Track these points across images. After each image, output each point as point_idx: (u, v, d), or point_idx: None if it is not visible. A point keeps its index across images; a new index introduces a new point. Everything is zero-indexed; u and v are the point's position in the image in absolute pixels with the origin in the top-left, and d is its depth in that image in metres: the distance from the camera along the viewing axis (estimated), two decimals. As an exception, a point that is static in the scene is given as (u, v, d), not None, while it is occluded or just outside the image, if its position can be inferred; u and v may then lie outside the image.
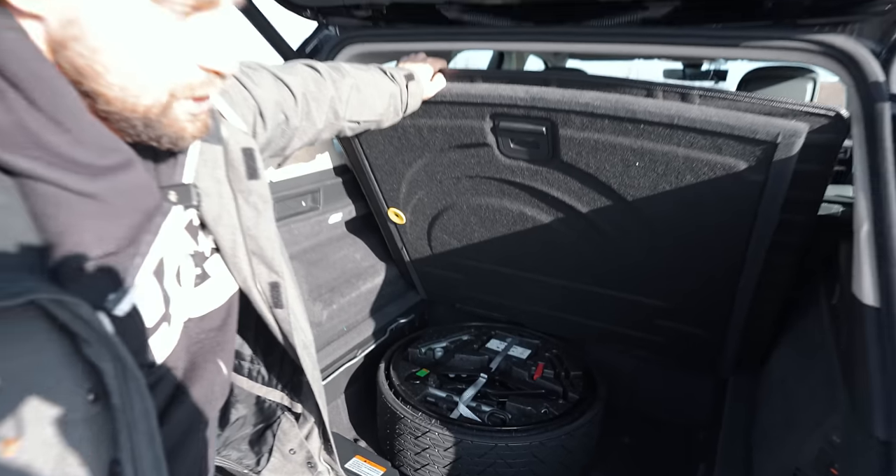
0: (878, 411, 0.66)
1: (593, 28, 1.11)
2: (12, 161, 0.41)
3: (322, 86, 0.97)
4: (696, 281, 1.28)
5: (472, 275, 1.71)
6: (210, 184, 0.63)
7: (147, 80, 0.46)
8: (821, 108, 0.93)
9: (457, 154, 1.33)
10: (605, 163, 1.15)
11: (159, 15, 0.45)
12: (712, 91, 1.00)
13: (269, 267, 0.70)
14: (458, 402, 1.40)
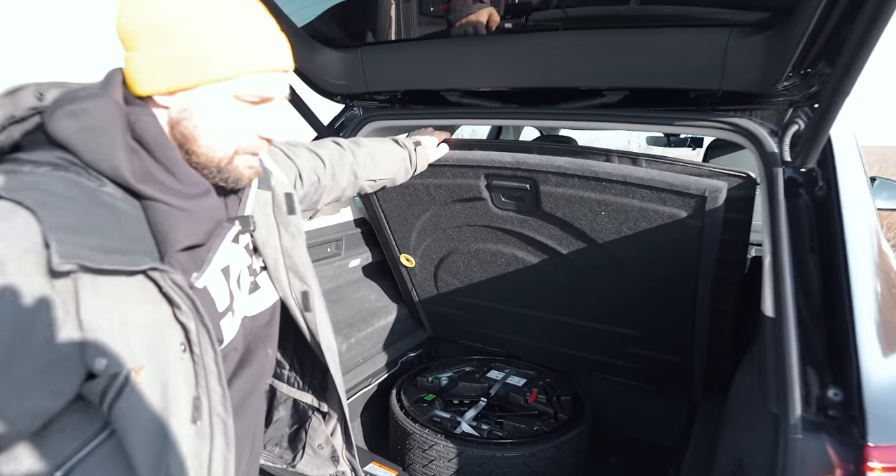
0: (770, 392, 0.89)
1: (564, 109, 1.41)
2: (141, 189, 0.66)
3: (343, 155, 1.27)
4: (660, 311, 1.52)
5: (472, 312, 1.95)
6: (261, 218, 0.88)
7: (223, 144, 0.72)
8: (736, 171, 1.21)
9: (458, 207, 1.61)
10: (577, 213, 1.42)
11: (236, 106, 0.71)
12: (656, 157, 1.29)
13: (301, 279, 0.93)
14: (461, 421, 1.60)
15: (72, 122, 0.64)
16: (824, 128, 0.98)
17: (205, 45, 0.66)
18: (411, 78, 1.49)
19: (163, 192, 0.67)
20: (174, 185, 0.69)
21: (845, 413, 0.80)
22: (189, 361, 0.67)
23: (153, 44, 0.66)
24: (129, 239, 0.64)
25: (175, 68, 0.66)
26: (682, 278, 1.40)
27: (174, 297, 0.64)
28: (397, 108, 1.63)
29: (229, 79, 0.68)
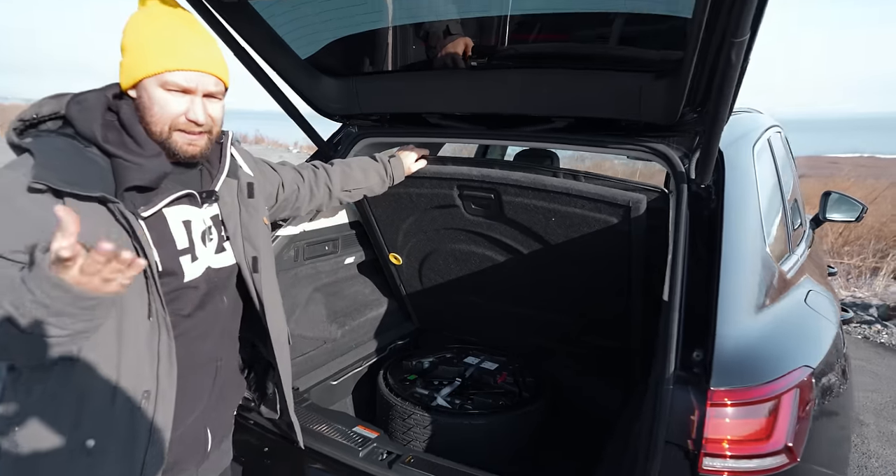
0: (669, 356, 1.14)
1: (522, 131, 1.70)
2: (108, 148, 0.95)
3: (318, 173, 1.57)
4: (603, 302, 1.79)
5: (452, 305, 2.23)
6: (228, 198, 1.17)
7: (160, 122, 0.99)
8: (654, 186, 1.48)
9: (436, 212, 1.89)
10: (533, 218, 1.70)
11: (166, 94, 0.98)
12: (592, 174, 1.56)
13: (254, 247, 1.20)
14: (437, 396, 1.88)
15: (75, 107, 0.98)
16: (710, 153, 1.26)
17: (140, 53, 0.97)
18: (397, 102, 1.77)
19: (124, 152, 0.97)
20: (135, 148, 0.99)
21: (703, 369, 1.08)
22: (141, 276, 0.96)
23: (123, 56, 1.00)
24: (96, 180, 0.93)
25: (129, 70, 0.98)
26: (618, 274, 1.67)
27: (121, 221, 0.93)
28: (386, 127, 1.92)
29: (155, 74, 0.97)
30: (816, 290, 1.59)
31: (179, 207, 1.08)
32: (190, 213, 1.09)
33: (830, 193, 2.96)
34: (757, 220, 1.39)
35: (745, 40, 0.97)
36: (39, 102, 1.00)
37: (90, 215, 0.89)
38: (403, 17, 1.60)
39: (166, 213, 1.05)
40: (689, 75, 1.16)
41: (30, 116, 0.98)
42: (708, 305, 1.16)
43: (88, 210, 0.89)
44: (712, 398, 1.02)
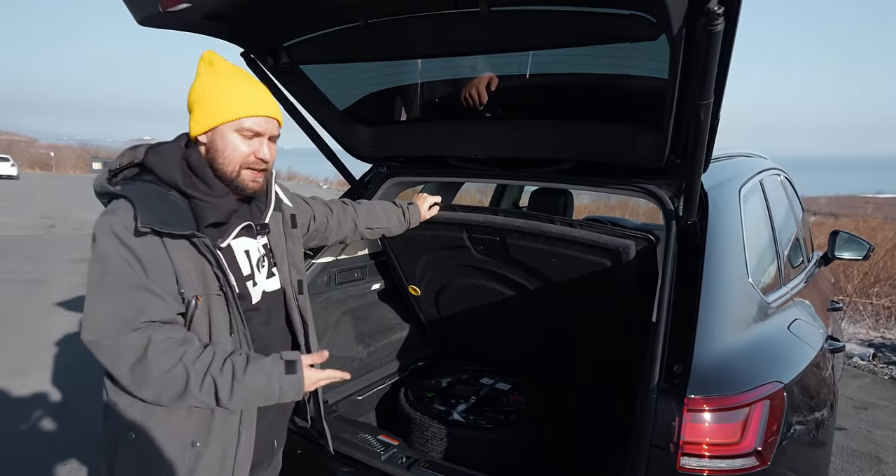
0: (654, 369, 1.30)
1: (534, 172, 1.91)
2: (187, 192, 1.11)
3: (347, 209, 1.76)
4: (601, 333, 1.95)
5: (466, 331, 2.41)
6: (275, 228, 1.34)
7: (231, 162, 1.14)
8: (642, 233, 1.66)
9: (449, 252, 2.10)
10: (535, 259, 1.89)
11: (238, 138, 1.14)
12: (588, 222, 1.75)
13: (298, 271, 1.39)
14: (453, 412, 2.04)
15: (155, 157, 1.15)
16: (692, 193, 1.45)
17: (217, 103, 1.13)
18: (421, 146, 2.02)
19: (200, 193, 1.13)
20: (206, 190, 1.15)
21: (682, 380, 1.23)
22: (223, 298, 1.14)
23: (195, 110, 1.15)
24: (181, 219, 1.08)
25: (204, 119, 1.14)
26: (612, 308, 1.84)
27: (206, 253, 1.10)
28: (412, 168, 2.16)
29: (232, 120, 1.13)
30: (804, 320, 1.73)
31: (241, 239, 1.24)
32: (249, 244, 1.26)
33: (839, 233, 3.08)
34: (739, 253, 1.55)
35: (710, 103, 1.17)
36: (121, 155, 1.17)
37: (179, 249, 1.08)
38: (428, 75, 1.86)
39: (233, 244, 1.21)
40: (670, 127, 1.36)
41: (115, 167, 1.15)
42: (689, 326, 1.32)
43: (178, 244, 1.08)
44: (689, 405, 1.18)
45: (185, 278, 1.08)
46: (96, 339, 1.02)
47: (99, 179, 1.13)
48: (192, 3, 1.16)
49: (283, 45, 1.62)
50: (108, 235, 1.03)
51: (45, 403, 3.35)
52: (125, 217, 1.03)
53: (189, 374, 1.03)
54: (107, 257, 1.02)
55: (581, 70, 1.54)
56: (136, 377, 1.04)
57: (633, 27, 1.18)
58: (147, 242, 1.04)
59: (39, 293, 5.88)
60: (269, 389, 1.11)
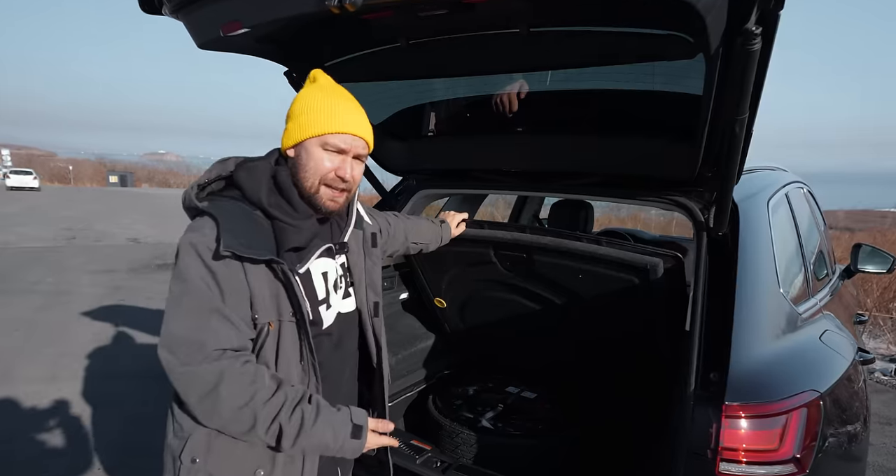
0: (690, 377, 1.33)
1: (562, 185, 1.96)
2: (271, 212, 1.08)
3: (399, 222, 1.78)
4: (628, 350, 1.98)
5: (492, 342, 2.45)
6: (355, 247, 1.31)
7: (313, 177, 1.11)
8: (669, 251, 1.69)
9: (475, 267, 2.14)
10: (562, 275, 1.92)
11: (322, 153, 1.11)
12: (613, 240, 1.78)
13: (375, 293, 1.34)
14: (482, 419, 2.07)
15: (244, 173, 1.13)
16: (724, 206, 1.48)
17: (307, 118, 1.12)
18: (451, 160, 2.07)
19: (284, 215, 1.11)
20: (291, 212, 1.12)
21: (719, 388, 1.26)
22: (294, 325, 1.11)
23: (289, 122, 1.14)
24: (262, 242, 1.06)
25: (294, 132, 1.13)
26: (639, 324, 1.87)
27: (282, 279, 1.07)
28: (440, 180, 2.22)
29: (318, 135, 1.11)
30: (834, 331, 1.74)
31: (319, 260, 1.20)
32: (327, 265, 1.23)
33: (861, 246, 3.08)
34: (770, 264, 1.58)
35: (746, 118, 1.21)
36: (209, 169, 1.16)
37: (257, 273, 1.06)
38: (460, 90, 1.92)
39: (311, 267, 1.18)
40: (703, 142, 1.40)
41: (203, 182, 1.14)
42: (724, 335, 1.35)
43: (257, 268, 1.06)
44: (727, 411, 1.20)
45: (260, 303, 1.07)
46: (175, 364, 1.00)
47: (187, 194, 1.12)
48: (250, 27, 1.23)
49: (325, 64, 1.69)
50: (191, 254, 1.02)
51: (77, 410, 3.41)
52: (209, 236, 1.02)
53: (257, 418, 1.01)
54: (188, 277, 1.02)
55: (614, 85, 1.59)
56: (204, 408, 1.02)
57: (671, 46, 1.23)
58: (227, 265, 1.02)
59: (63, 303, 6.00)
60: (331, 446, 1.09)
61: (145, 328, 5.11)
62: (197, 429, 1.09)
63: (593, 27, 1.29)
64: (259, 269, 1.06)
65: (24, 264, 8.20)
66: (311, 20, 1.22)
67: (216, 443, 1.09)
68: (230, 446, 1.10)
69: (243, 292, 1.05)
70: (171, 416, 1.15)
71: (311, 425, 1.05)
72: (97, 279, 7.41)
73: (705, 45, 1.07)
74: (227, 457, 1.10)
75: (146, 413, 3.40)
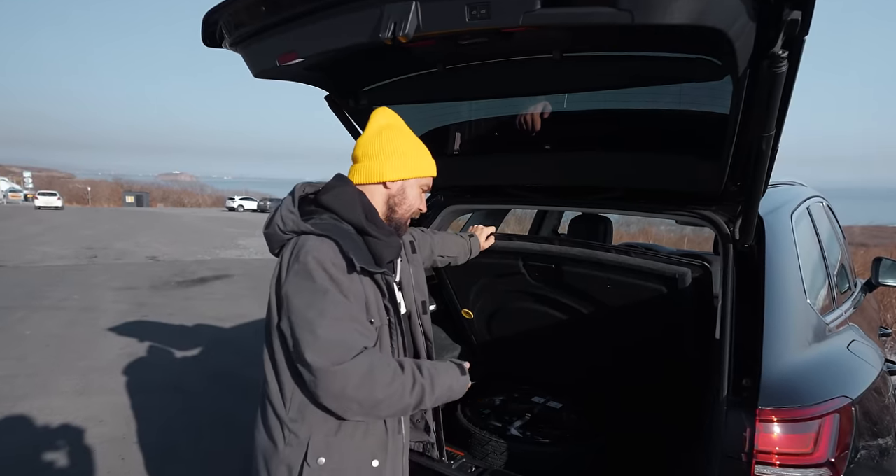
0: (723, 383, 1.37)
1: (584, 200, 2.02)
2: (370, 231, 1.24)
3: (425, 237, 1.88)
4: (656, 359, 2.02)
5: (519, 352, 2.49)
6: (402, 255, 1.47)
7: (409, 210, 1.35)
8: (696, 261, 1.74)
9: (504, 279, 2.20)
10: (591, 285, 1.98)
11: (420, 193, 1.38)
12: (641, 250, 1.85)
13: (421, 293, 1.51)
14: (510, 428, 2.11)
15: (336, 199, 1.26)
16: (750, 218, 1.54)
17: (414, 159, 1.33)
18: (479, 176, 2.15)
19: (379, 233, 1.26)
20: (378, 230, 1.27)
21: (752, 393, 1.30)
22: (388, 326, 1.28)
23: (391, 157, 1.31)
24: (367, 256, 1.21)
25: (402, 168, 1.32)
26: (666, 333, 1.91)
27: (384, 288, 1.24)
28: (468, 196, 2.30)
29: (422, 176, 1.34)
30: (861, 341, 1.78)
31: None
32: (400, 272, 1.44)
33: (882, 259, 3.09)
34: (796, 275, 1.63)
35: (773, 135, 1.28)
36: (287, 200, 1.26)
37: (367, 284, 1.20)
38: (489, 111, 2.01)
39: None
40: (729, 157, 1.47)
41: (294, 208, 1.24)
42: (754, 342, 1.40)
43: (366, 280, 1.20)
44: (760, 416, 1.25)
45: (372, 308, 1.22)
46: (328, 364, 1.09)
47: (292, 220, 1.21)
48: (304, 58, 1.33)
49: (364, 89, 1.79)
50: (321, 270, 1.12)
51: (107, 422, 3.49)
52: (332, 253, 1.14)
53: (405, 386, 1.16)
54: (327, 290, 1.12)
55: (641, 104, 1.67)
56: (363, 394, 1.11)
57: (699, 69, 1.30)
58: (351, 278, 1.15)
59: (90, 319, 6.14)
60: (454, 387, 1.29)
61: (170, 343, 5.22)
62: (315, 432, 1.20)
63: (625, 52, 1.37)
64: (367, 279, 1.21)
65: (50, 282, 8.40)
66: (361, 50, 1.32)
67: (334, 441, 1.21)
68: (347, 442, 1.22)
69: (362, 300, 1.19)
70: (280, 428, 1.22)
71: (436, 376, 1.23)
72: (120, 296, 7.57)
73: (733, 67, 1.14)
74: (347, 452, 1.22)
75: (176, 424, 3.47)
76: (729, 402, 1.33)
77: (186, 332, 5.75)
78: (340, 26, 1.21)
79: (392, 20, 1.12)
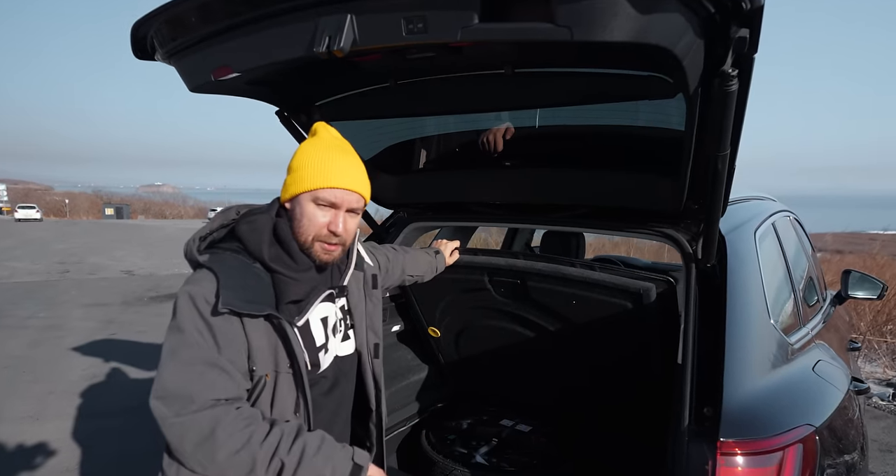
0: (684, 412, 1.31)
1: (551, 217, 1.97)
2: (271, 266, 1.09)
3: (398, 256, 1.79)
4: (622, 376, 1.96)
5: (487, 372, 2.42)
6: (355, 289, 1.32)
7: (306, 231, 1.12)
8: (661, 276, 1.70)
9: (469, 294, 2.14)
10: (556, 301, 1.92)
11: (315, 208, 1.12)
12: (607, 265, 1.80)
13: (376, 334, 1.37)
14: (476, 454, 2.03)
15: (246, 227, 1.14)
16: (711, 237, 1.50)
17: (301, 172, 1.13)
18: (440, 193, 2.09)
19: (284, 268, 1.11)
20: (291, 264, 1.13)
21: (713, 423, 1.25)
22: (291, 376, 1.12)
23: (287, 175, 1.16)
24: (262, 296, 1.07)
25: (290, 186, 1.15)
26: (634, 350, 1.86)
27: (280, 332, 1.08)
28: (431, 213, 2.23)
29: (310, 190, 1.12)
30: (827, 361, 1.74)
31: (319, 306, 1.21)
32: (326, 310, 1.24)
33: (851, 272, 3.09)
34: (759, 294, 1.58)
35: (727, 154, 1.24)
36: (213, 219, 1.18)
37: (256, 326, 1.07)
38: (448, 127, 1.96)
39: (310, 315, 1.18)
40: (687, 175, 1.43)
41: (205, 233, 1.15)
42: (716, 368, 1.35)
43: (255, 321, 1.07)
44: (722, 448, 1.18)
45: (258, 355, 1.07)
46: (166, 414, 0.98)
47: (189, 247, 1.13)
48: (241, 72, 1.26)
49: (316, 103, 1.72)
50: (189, 307, 1.02)
51: (60, 450, 3.32)
52: (208, 290, 1.03)
53: (256, 459, 0.99)
54: (184, 329, 1.02)
55: (600, 121, 1.63)
56: (201, 457, 0.99)
57: (652, 87, 1.26)
58: (225, 320, 1.03)
59: (55, 338, 5.92)
60: None
61: (136, 363, 5.03)
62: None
63: (576, 69, 1.33)
64: (258, 322, 1.07)
65: (16, 299, 8.12)
66: (301, 64, 1.25)
67: None
68: None
69: (241, 345, 1.05)
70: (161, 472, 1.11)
71: (311, 456, 1.03)
72: (90, 313, 7.33)
73: (684, 85, 1.10)
74: None
75: (132, 450, 3.31)
76: (690, 432, 1.27)
77: (155, 351, 5.53)
78: (273, 40, 1.14)
79: (326, 34, 1.06)
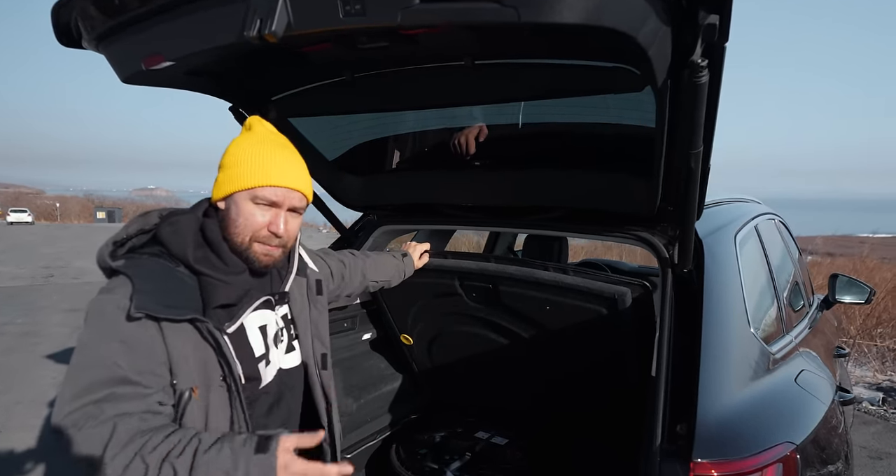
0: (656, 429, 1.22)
1: (525, 220, 1.88)
2: (197, 268, 1.01)
3: (357, 261, 1.69)
4: (596, 384, 1.87)
5: (461, 379, 2.32)
6: (298, 295, 1.23)
7: (243, 232, 1.04)
8: (637, 280, 1.62)
9: (441, 300, 2.04)
10: (528, 306, 1.83)
11: (253, 207, 1.04)
12: (582, 269, 1.71)
13: (323, 344, 1.27)
14: (447, 471, 1.92)
15: (168, 228, 1.05)
16: (686, 241, 1.41)
17: (237, 169, 1.05)
18: (410, 195, 1.99)
19: (212, 270, 1.03)
20: (221, 266, 1.04)
21: (687, 442, 1.15)
22: (225, 389, 1.02)
23: (220, 172, 1.08)
24: (185, 300, 0.98)
25: (224, 184, 1.06)
26: (608, 356, 1.77)
27: (209, 340, 0.98)
28: (402, 216, 2.14)
29: (248, 188, 1.04)
30: (811, 370, 1.65)
31: (256, 313, 1.11)
32: (265, 317, 1.14)
33: (838, 276, 3.02)
34: (738, 302, 1.50)
35: (700, 152, 1.15)
36: (127, 224, 1.08)
37: (179, 334, 0.96)
38: (418, 125, 1.86)
39: (245, 321, 1.09)
40: (660, 175, 1.34)
41: (121, 238, 1.06)
42: (691, 381, 1.26)
43: (178, 329, 0.96)
44: (695, 469, 1.09)
45: (182, 367, 0.96)
46: (60, 426, 0.88)
47: (101, 253, 1.02)
48: (174, 61, 1.16)
49: (272, 99, 1.62)
50: (99, 317, 0.93)
51: (24, 463, 3.18)
52: (121, 297, 0.93)
53: (148, 467, 0.87)
54: (89, 343, 0.92)
55: (571, 119, 1.54)
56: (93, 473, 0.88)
57: (618, 79, 1.18)
58: (140, 327, 0.93)
59: (29, 345, 5.76)
60: (233, 470, 0.88)
61: (111, 371, 4.88)
62: None
63: (538, 59, 1.24)
64: (181, 330, 0.96)
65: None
66: (238, 53, 1.15)
67: None
68: None
69: (158, 356, 0.95)
70: None
71: (204, 451, 0.89)
72: (69, 319, 7.16)
73: (651, 77, 1.02)
74: None
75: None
76: (663, 452, 1.18)
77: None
78: (203, 25, 1.04)
79: (258, 16, 0.96)
